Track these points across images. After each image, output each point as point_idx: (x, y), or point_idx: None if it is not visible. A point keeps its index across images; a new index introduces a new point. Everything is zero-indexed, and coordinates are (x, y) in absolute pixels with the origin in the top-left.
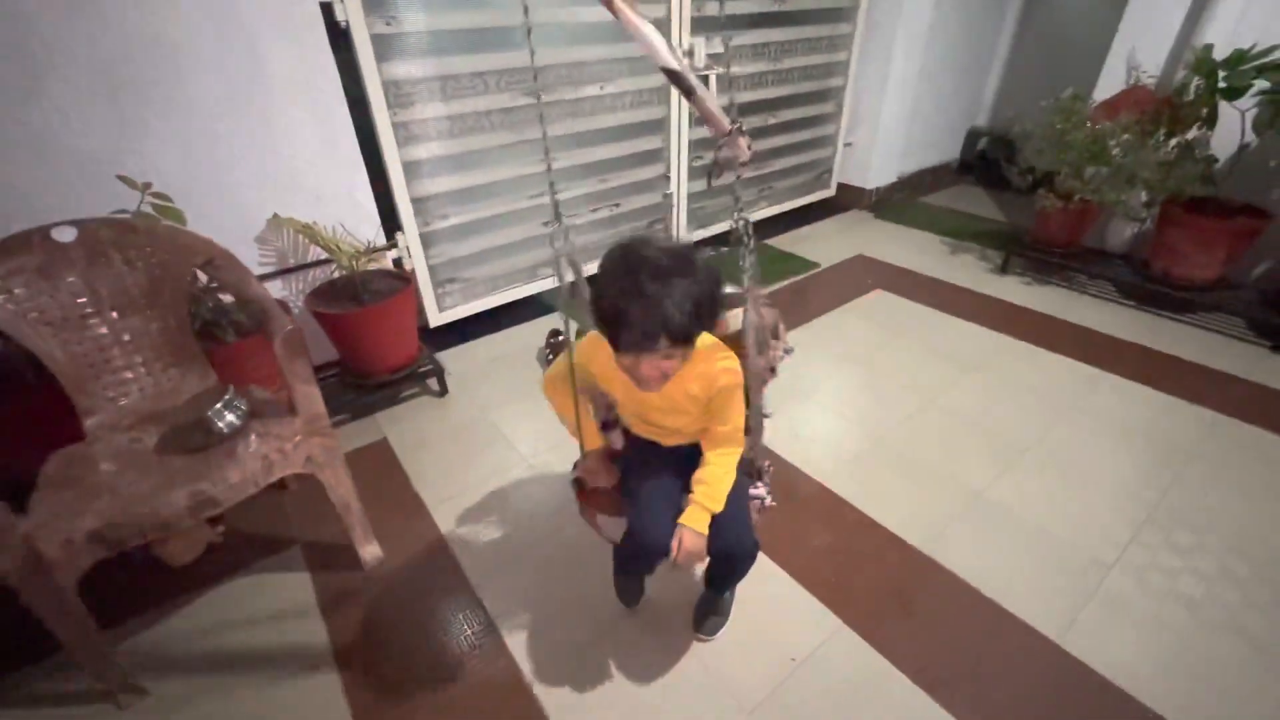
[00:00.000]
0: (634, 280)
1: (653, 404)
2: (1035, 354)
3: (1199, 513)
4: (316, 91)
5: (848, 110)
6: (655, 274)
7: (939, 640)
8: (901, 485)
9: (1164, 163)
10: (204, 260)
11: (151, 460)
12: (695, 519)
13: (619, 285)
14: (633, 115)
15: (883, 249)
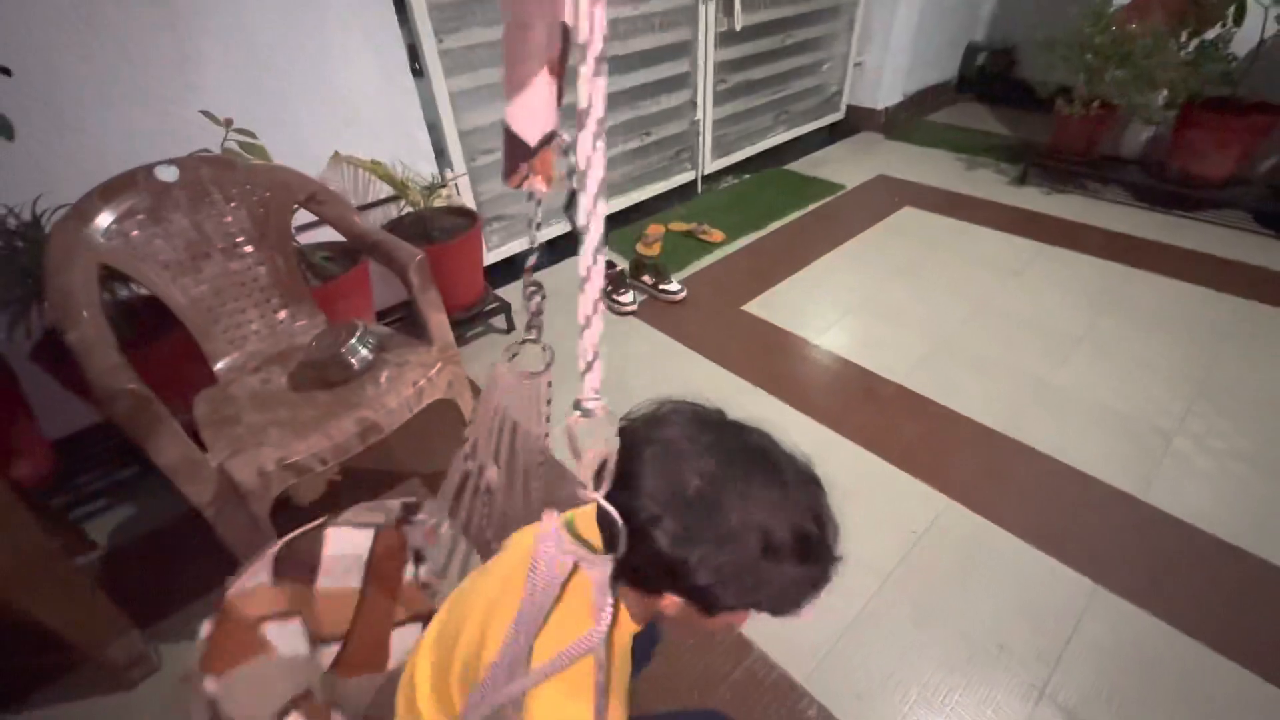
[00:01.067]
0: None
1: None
2: (1066, 256)
3: (1239, 384)
4: (371, 16)
5: (859, 27)
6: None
7: (1037, 504)
8: (972, 379)
9: (1185, 63)
10: (306, 196)
11: (294, 397)
12: None
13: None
14: (659, 39)
15: (901, 168)
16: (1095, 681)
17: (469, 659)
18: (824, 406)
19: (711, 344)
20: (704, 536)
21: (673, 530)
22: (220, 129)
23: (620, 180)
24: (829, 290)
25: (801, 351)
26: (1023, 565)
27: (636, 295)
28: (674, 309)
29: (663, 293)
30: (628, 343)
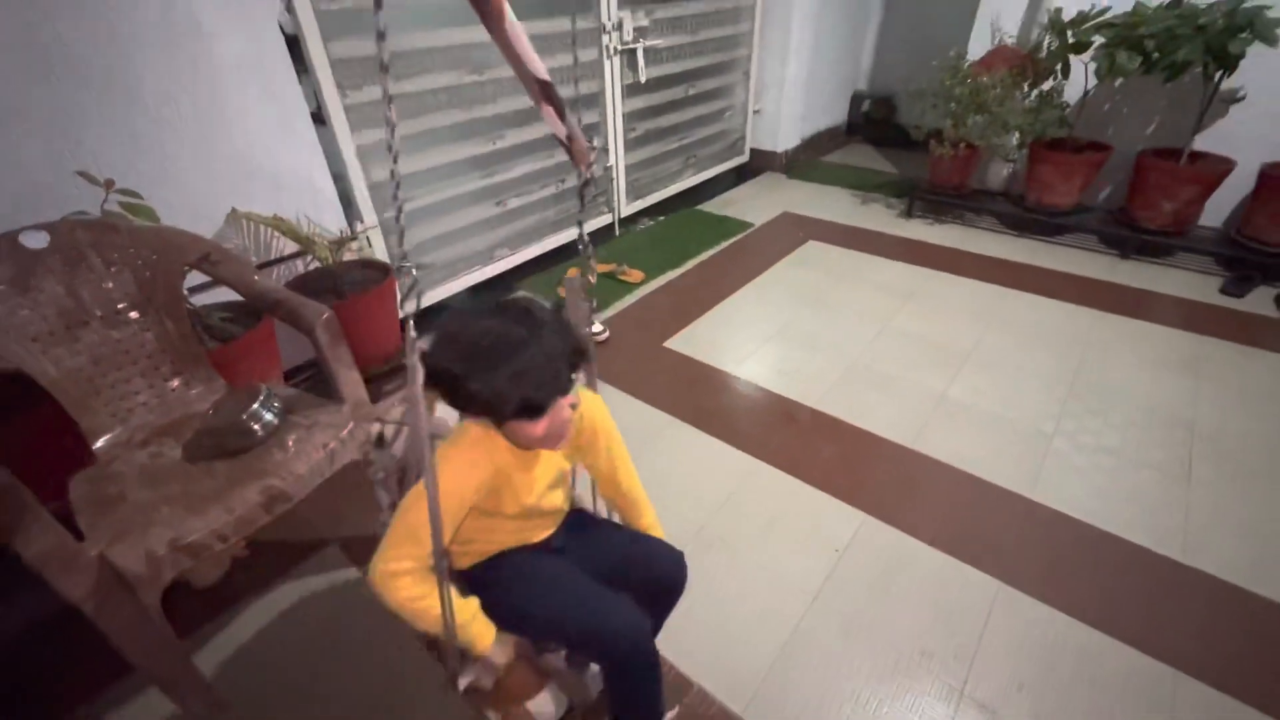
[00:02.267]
0: (521, 329)
1: (546, 486)
2: (952, 280)
3: (1102, 384)
4: (268, 71)
5: (754, 78)
6: (526, 323)
7: (943, 512)
8: (879, 398)
9: (1030, 109)
10: (198, 257)
11: (190, 470)
12: None
13: (511, 353)
14: (572, 90)
15: (803, 205)
16: (1006, 674)
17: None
18: (747, 435)
19: (636, 382)
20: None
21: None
22: (99, 190)
23: (539, 225)
24: (745, 323)
25: (723, 383)
26: (936, 571)
27: None
28: (598, 349)
29: None
30: None
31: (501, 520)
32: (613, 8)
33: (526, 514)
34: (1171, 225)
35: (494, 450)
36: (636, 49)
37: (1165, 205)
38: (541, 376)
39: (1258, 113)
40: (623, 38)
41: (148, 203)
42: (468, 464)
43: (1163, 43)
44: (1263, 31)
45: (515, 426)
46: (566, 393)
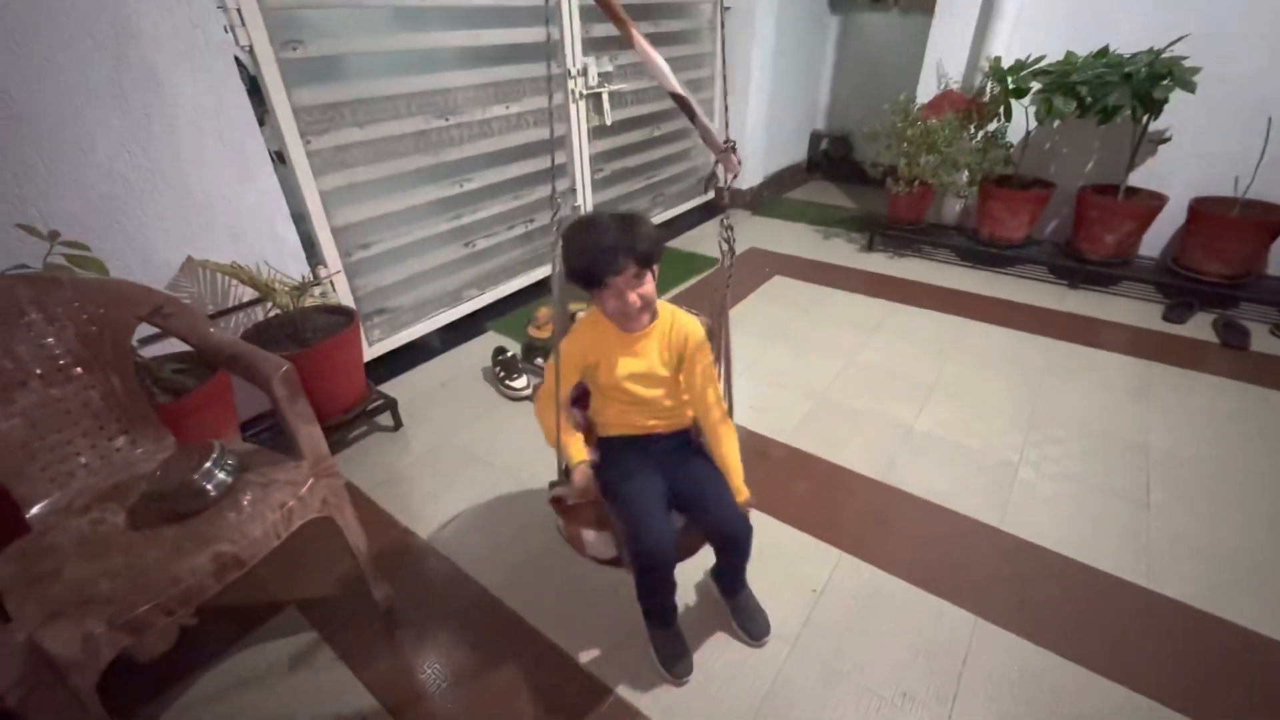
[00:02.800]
0: (596, 226)
1: (634, 372)
2: (913, 312)
3: (1060, 411)
4: (227, 120)
5: (718, 120)
6: (611, 220)
7: (916, 546)
8: (848, 432)
9: (977, 150)
10: (149, 311)
11: (134, 538)
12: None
13: (585, 234)
14: (538, 133)
15: (768, 241)
16: (989, 713)
17: None
18: None
19: None
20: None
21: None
22: (43, 242)
23: (506, 264)
24: None
25: None
26: (913, 608)
27: (530, 379)
28: None
29: None
30: (525, 428)
31: (609, 397)
32: (577, 54)
33: (622, 392)
34: (1114, 256)
35: (600, 327)
36: (602, 93)
37: (1107, 237)
38: (597, 254)
39: (1184, 152)
40: (588, 82)
41: (98, 255)
42: (580, 332)
43: (1094, 89)
44: (1181, 79)
45: (596, 300)
46: (614, 273)
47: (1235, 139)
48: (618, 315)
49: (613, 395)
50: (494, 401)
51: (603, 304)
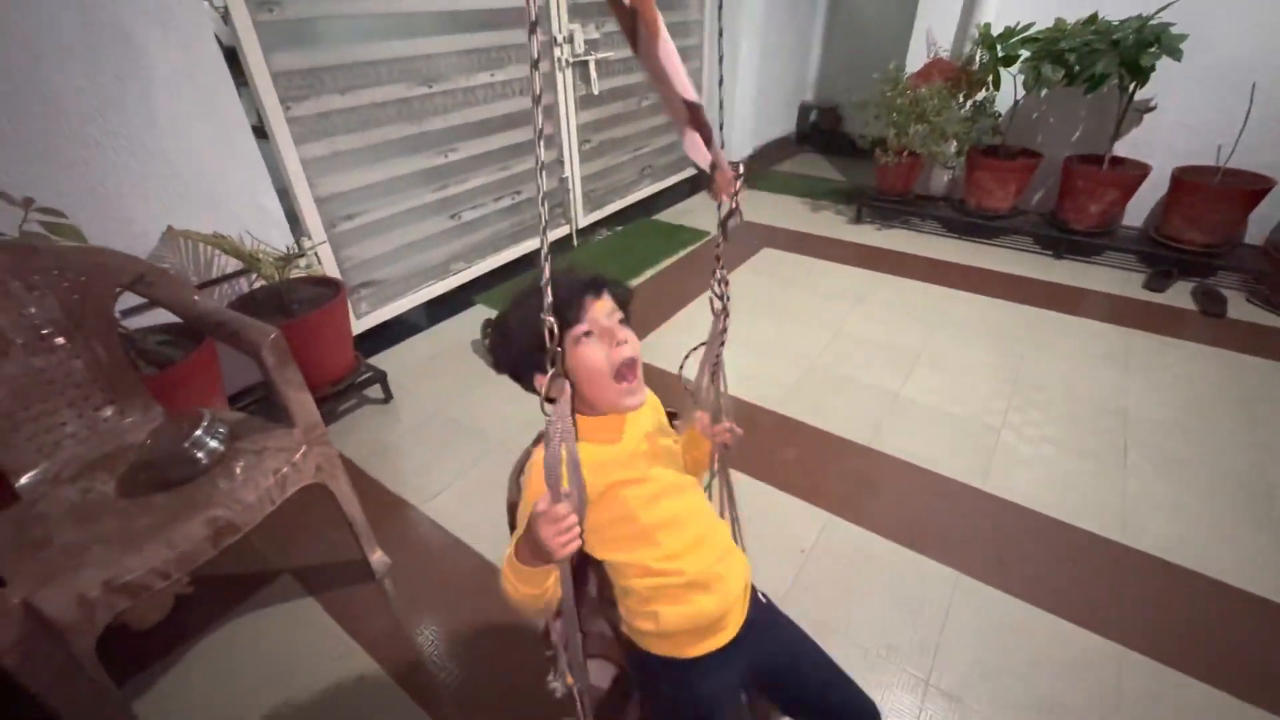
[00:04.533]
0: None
1: (649, 457)
2: (900, 283)
3: (1042, 378)
4: (203, 84)
5: (706, 91)
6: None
7: (903, 507)
8: (836, 400)
9: (965, 119)
10: (131, 279)
11: (126, 506)
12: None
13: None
14: (524, 102)
15: (757, 213)
16: (969, 662)
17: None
18: None
19: None
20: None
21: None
22: (17, 210)
23: (493, 237)
24: (703, 330)
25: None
26: (897, 565)
27: None
28: None
29: None
30: (515, 398)
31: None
32: (564, 20)
33: (662, 514)
34: (1098, 226)
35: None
36: (589, 61)
37: (1091, 208)
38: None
39: (1169, 122)
40: (574, 50)
41: (72, 222)
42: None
43: (1082, 56)
44: (1169, 46)
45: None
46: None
47: (1219, 107)
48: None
49: (633, 503)
50: (483, 373)
51: (579, 362)
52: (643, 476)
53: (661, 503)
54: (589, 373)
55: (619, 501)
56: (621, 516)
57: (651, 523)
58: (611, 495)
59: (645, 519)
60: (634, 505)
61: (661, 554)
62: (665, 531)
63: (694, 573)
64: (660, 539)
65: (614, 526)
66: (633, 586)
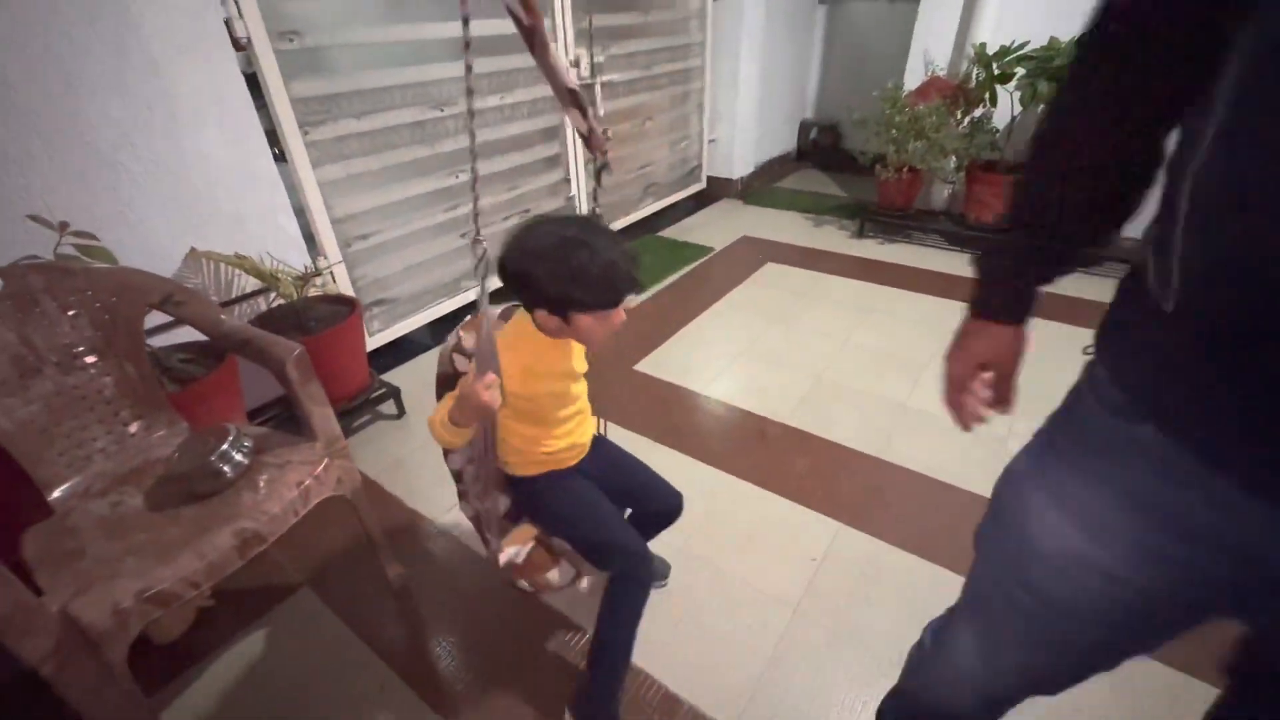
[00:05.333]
0: (600, 235)
1: (570, 376)
2: (905, 295)
3: (1047, 388)
4: (228, 111)
5: (708, 110)
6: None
7: (912, 516)
8: (845, 411)
9: (964, 135)
10: (160, 298)
11: (155, 519)
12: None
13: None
14: (531, 124)
15: (760, 229)
16: None
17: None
18: (720, 453)
19: (609, 406)
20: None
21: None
22: (53, 233)
23: None
24: (712, 343)
25: (694, 403)
26: (908, 573)
27: None
28: None
29: None
30: None
31: (547, 417)
32: (570, 45)
33: (565, 400)
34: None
35: (533, 341)
36: (594, 84)
37: None
38: (622, 270)
39: None
40: (580, 73)
41: (104, 245)
42: (520, 348)
43: None
44: None
45: (585, 320)
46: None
47: None
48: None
49: (542, 413)
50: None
51: (584, 328)
52: (564, 391)
53: (566, 406)
54: (586, 338)
55: (541, 398)
56: (538, 407)
57: (556, 417)
58: (540, 390)
59: (553, 414)
60: (548, 405)
61: (553, 434)
62: (561, 424)
63: (568, 441)
64: (556, 427)
65: (531, 410)
66: (525, 445)
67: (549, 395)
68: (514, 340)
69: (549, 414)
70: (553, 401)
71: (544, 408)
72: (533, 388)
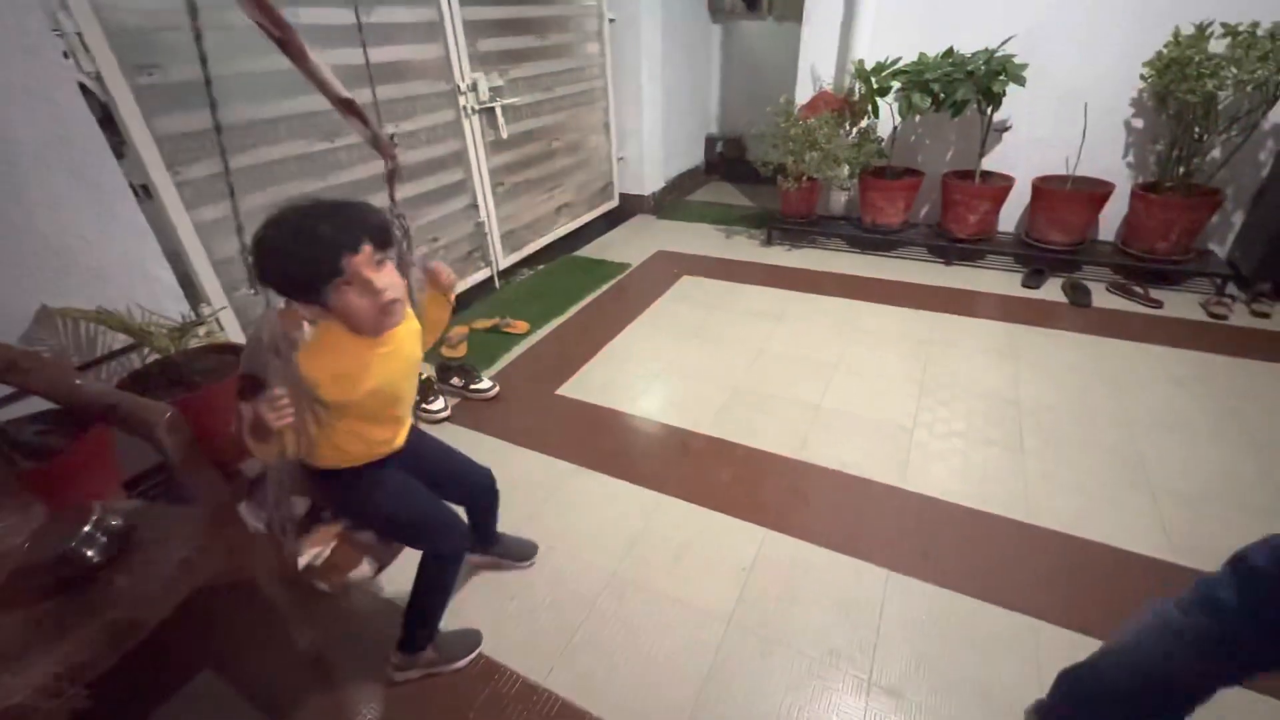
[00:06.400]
0: (305, 212)
1: (399, 372)
2: (813, 299)
3: (946, 377)
4: (78, 154)
5: (614, 128)
6: (318, 203)
7: (833, 514)
8: (762, 417)
9: (853, 145)
10: (1, 368)
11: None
12: None
13: (296, 221)
14: (433, 150)
15: (674, 242)
16: (906, 655)
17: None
18: (646, 471)
19: (532, 434)
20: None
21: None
22: None
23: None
24: (632, 361)
25: (618, 423)
26: (833, 571)
27: (447, 400)
28: (488, 407)
29: (474, 392)
30: None
31: (365, 417)
32: (466, 70)
33: (385, 402)
34: (978, 233)
35: (337, 342)
36: (495, 108)
37: (970, 217)
38: (322, 238)
39: (1024, 138)
40: (479, 98)
41: None
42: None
43: (945, 85)
44: (1013, 74)
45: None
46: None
47: (1062, 124)
48: (371, 313)
49: (368, 412)
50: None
51: (346, 307)
52: (391, 389)
53: (398, 405)
54: (351, 316)
55: (364, 401)
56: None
57: (388, 415)
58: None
59: (384, 413)
60: (375, 405)
61: (381, 429)
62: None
63: (392, 434)
64: (387, 426)
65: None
66: (346, 442)
67: (371, 396)
68: (315, 349)
69: (379, 413)
70: (378, 402)
71: (371, 409)
72: (349, 393)
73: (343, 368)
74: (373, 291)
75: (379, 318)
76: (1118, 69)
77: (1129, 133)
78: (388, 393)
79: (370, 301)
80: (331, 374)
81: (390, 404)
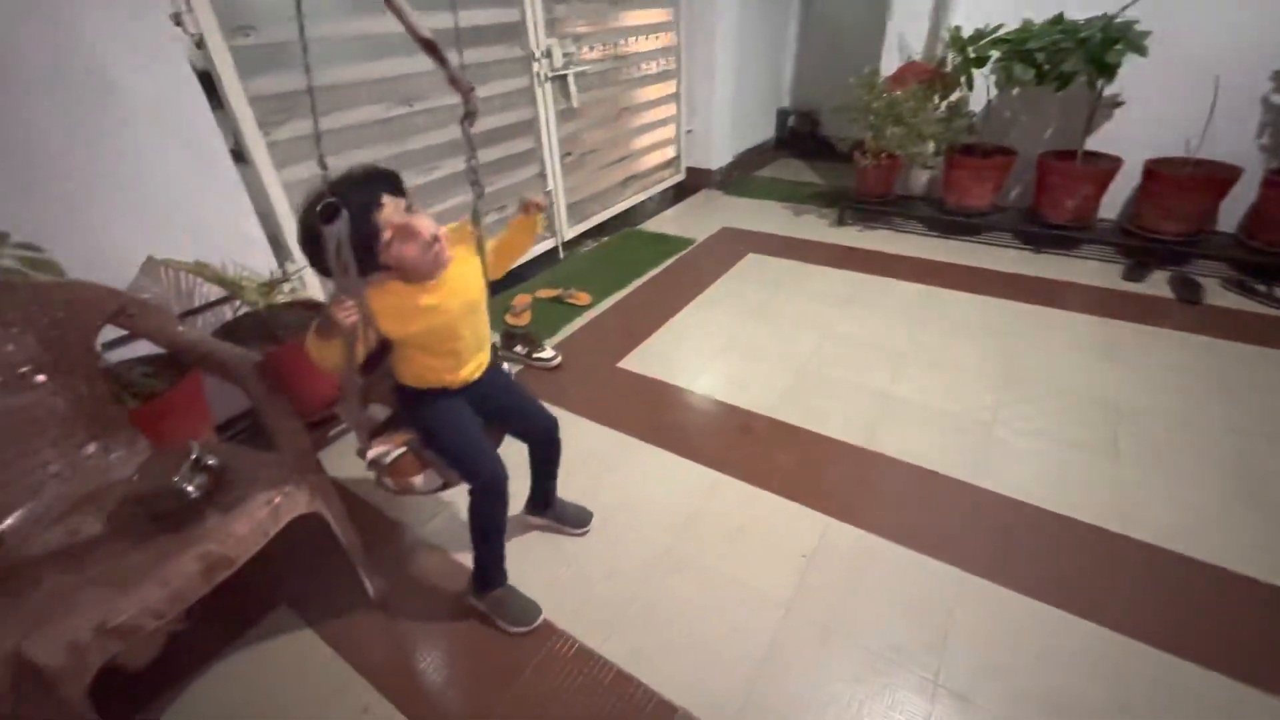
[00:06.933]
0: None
1: (458, 313)
2: (885, 283)
3: (1031, 371)
4: (183, 114)
5: (684, 100)
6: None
7: (899, 507)
8: (830, 402)
9: (941, 120)
10: (113, 312)
11: (115, 545)
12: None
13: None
14: (503, 118)
15: (740, 219)
16: (975, 660)
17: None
18: (706, 450)
19: (593, 405)
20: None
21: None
22: None
23: None
24: (695, 338)
25: (678, 399)
26: (899, 565)
27: (511, 367)
28: (550, 376)
29: (537, 361)
30: None
31: (431, 350)
32: (541, 36)
33: (449, 339)
34: (1074, 220)
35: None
36: (567, 75)
37: (1067, 202)
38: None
39: (1138, 116)
40: (553, 65)
41: (50, 256)
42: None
43: (1050, 55)
44: (1134, 43)
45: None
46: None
47: (1185, 101)
48: (422, 255)
49: (423, 344)
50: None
51: (400, 259)
52: (446, 326)
53: (455, 340)
54: (406, 264)
55: (421, 335)
56: (424, 341)
57: (446, 349)
58: (417, 328)
59: (441, 347)
60: (432, 340)
61: (442, 361)
62: (453, 355)
63: (455, 366)
64: (447, 358)
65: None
66: (415, 367)
67: (428, 332)
68: (377, 293)
69: (437, 346)
70: (433, 338)
71: (425, 343)
72: (408, 328)
73: (393, 308)
74: (413, 233)
75: (429, 259)
76: (1262, 39)
77: (1266, 111)
78: (441, 331)
79: (414, 245)
80: (385, 311)
81: (446, 339)
